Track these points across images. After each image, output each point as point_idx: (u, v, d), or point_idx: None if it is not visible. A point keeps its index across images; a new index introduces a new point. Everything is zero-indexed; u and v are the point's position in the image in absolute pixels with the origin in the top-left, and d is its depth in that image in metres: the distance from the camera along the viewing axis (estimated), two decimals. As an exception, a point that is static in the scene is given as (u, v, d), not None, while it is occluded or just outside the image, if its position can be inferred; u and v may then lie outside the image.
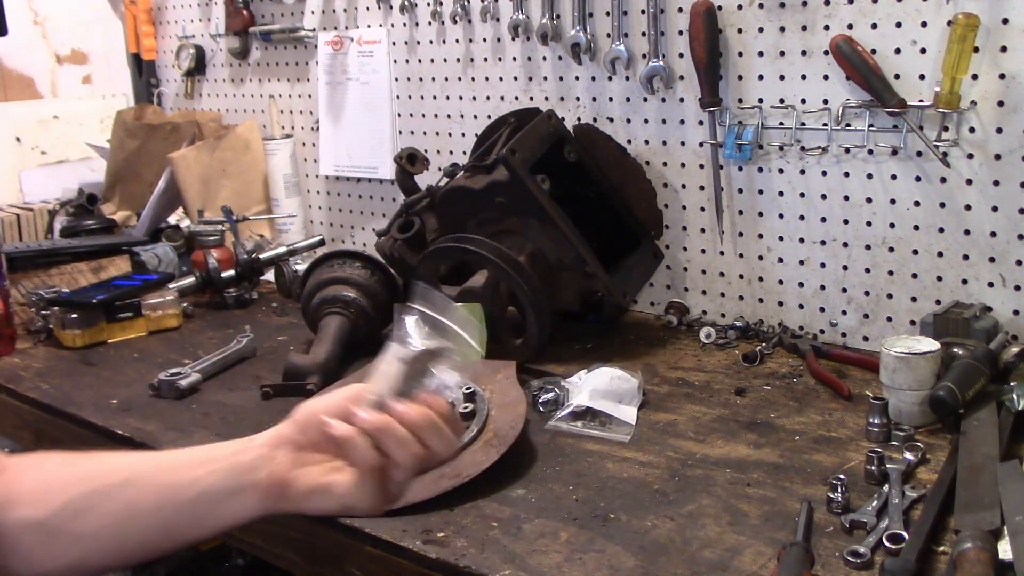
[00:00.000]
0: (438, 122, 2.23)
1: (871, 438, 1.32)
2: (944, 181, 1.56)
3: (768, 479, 1.23)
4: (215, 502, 0.96)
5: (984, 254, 1.54)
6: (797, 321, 1.77)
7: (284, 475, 0.95)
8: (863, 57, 1.56)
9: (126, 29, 2.95)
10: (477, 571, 1.06)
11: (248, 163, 2.55)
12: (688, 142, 1.84)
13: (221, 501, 0.96)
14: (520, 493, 1.23)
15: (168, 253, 2.24)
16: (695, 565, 1.04)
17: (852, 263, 1.68)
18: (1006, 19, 1.45)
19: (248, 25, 2.57)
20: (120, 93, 3.01)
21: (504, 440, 1.27)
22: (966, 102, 1.49)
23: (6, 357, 1.86)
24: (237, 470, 0.96)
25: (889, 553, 1.03)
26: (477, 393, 1.37)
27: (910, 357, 1.33)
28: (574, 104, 1.98)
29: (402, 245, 1.77)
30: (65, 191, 2.75)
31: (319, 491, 0.94)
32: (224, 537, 1.39)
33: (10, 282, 1.93)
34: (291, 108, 2.57)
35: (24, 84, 2.86)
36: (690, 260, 1.89)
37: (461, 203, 1.72)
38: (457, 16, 2.08)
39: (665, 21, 1.80)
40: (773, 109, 1.71)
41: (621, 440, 1.37)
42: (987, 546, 0.95)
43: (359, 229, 2.48)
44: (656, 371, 1.63)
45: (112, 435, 1.49)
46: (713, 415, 1.45)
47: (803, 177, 1.71)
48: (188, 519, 0.97)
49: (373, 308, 1.77)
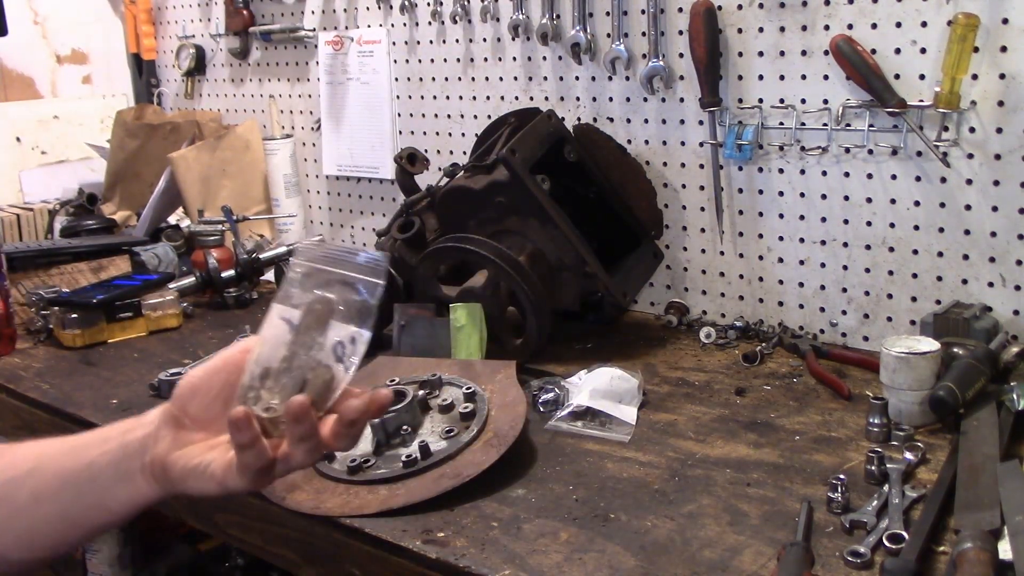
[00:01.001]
0: (438, 122, 2.23)
1: (871, 438, 1.32)
2: (944, 181, 1.56)
3: (768, 479, 1.23)
4: (109, 485, 0.92)
5: (984, 254, 1.54)
6: (797, 321, 1.77)
7: (164, 457, 0.90)
8: (863, 57, 1.56)
9: (126, 29, 2.95)
10: (477, 571, 1.06)
11: (248, 163, 2.55)
12: (688, 142, 1.84)
13: (114, 484, 0.92)
14: (520, 493, 1.23)
15: (168, 253, 2.24)
16: (695, 565, 1.04)
17: (852, 263, 1.68)
18: (1006, 19, 1.45)
19: (248, 25, 2.57)
20: (120, 93, 3.01)
21: (504, 440, 1.27)
22: (966, 102, 1.49)
23: (6, 357, 1.86)
24: (126, 451, 0.92)
25: (889, 553, 1.03)
26: (477, 393, 1.37)
27: (910, 357, 1.33)
28: (574, 104, 1.98)
29: (402, 245, 1.77)
30: (65, 191, 2.75)
31: (197, 473, 0.89)
32: (224, 537, 1.39)
33: (10, 282, 1.93)
34: (291, 108, 2.57)
35: (24, 84, 2.86)
36: (690, 260, 1.89)
37: (461, 203, 1.72)
38: (457, 16, 2.08)
39: (665, 21, 1.80)
40: (773, 109, 1.71)
41: (621, 440, 1.37)
42: (987, 546, 0.95)
43: (359, 229, 2.48)
44: (656, 371, 1.63)
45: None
46: (713, 415, 1.45)
47: (803, 177, 1.71)
48: (88, 504, 0.93)
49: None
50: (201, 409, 0.91)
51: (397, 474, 1.23)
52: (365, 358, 0.91)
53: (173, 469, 0.90)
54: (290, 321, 0.88)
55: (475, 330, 1.59)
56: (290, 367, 0.87)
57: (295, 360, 0.87)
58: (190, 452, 0.90)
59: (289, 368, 0.87)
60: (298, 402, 0.85)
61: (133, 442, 0.92)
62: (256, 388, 0.88)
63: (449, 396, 1.38)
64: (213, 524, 1.37)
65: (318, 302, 0.88)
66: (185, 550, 2.18)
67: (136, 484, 0.92)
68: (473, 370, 1.46)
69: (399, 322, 1.66)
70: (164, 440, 0.91)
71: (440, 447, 1.27)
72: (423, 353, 1.60)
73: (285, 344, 0.88)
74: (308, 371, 0.87)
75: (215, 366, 0.93)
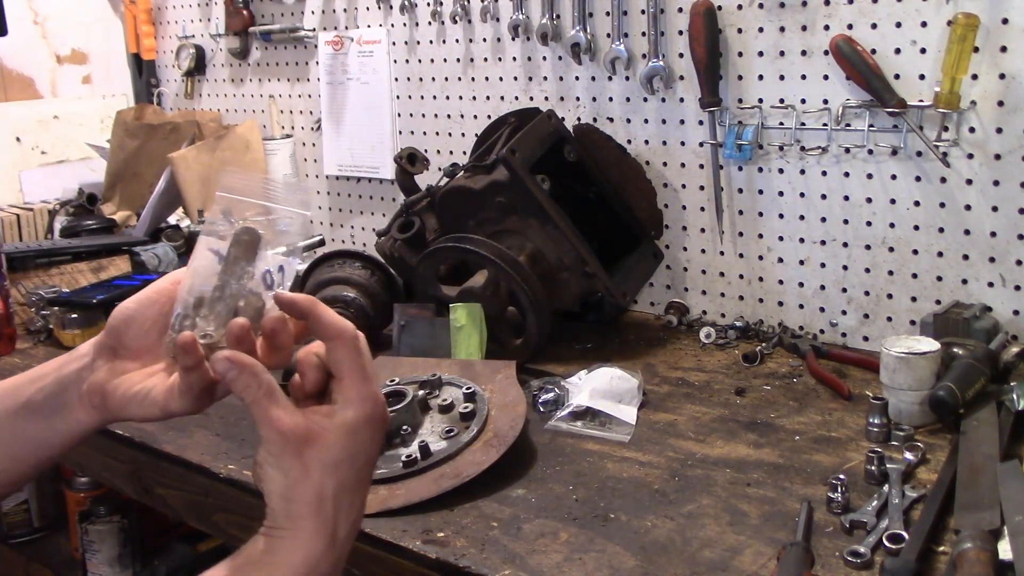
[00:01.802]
0: (438, 122, 2.23)
1: (871, 438, 1.32)
2: (944, 181, 1.56)
3: (768, 479, 1.23)
4: (47, 418, 0.95)
5: (984, 254, 1.54)
6: (797, 321, 1.77)
7: (102, 385, 0.93)
8: (863, 57, 1.56)
9: (126, 29, 2.95)
10: (477, 571, 1.06)
11: (248, 163, 2.55)
12: (688, 142, 1.84)
13: (52, 417, 0.95)
14: (520, 493, 1.23)
15: (168, 253, 2.24)
16: (695, 565, 1.04)
17: (852, 263, 1.68)
18: (1006, 19, 1.45)
19: (248, 25, 2.57)
20: (120, 93, 3.01)
21: (504, 440, 1.27)
22: (966, 102, 1.49)
23: (6, 357, 1.86)
24: (61, 384, 0.95)
25: (889, 553, 1.03)
26: (477, 393, 1.37)
27: (910, 357, 1.33)
28: (574, 104, 1.98)
29: (402, 245, 1.77)
30: (65, 191, 2.75)
31: (138, 399, 0.92)
32: (224, 537, 1.39)
33: (10, 282, 1.93)
34: (291, 108, 2.57)
35: (24, 84, 2.86)
36: (690, 260, 1.89)
37: (461, 203, 1.72)
38: (457, 16, 2.08)
39: (665, 21, 1.80)
40: (773, 109, 1.71)
41: (621, 440, 1.37)
42: (987, 546, 0.95)
43: (359, 229, 2.48)
44: (656, 371, 1.63)
45: (112, 435, 1.49)
46: (713, 415, 1.45)
47: (803, 177, 1.71)
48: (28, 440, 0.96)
49: (373, 308, 1.77)
50: (135, 339, 0.94)
51: (397, 474, 1.23)
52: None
53: (112, 397, 0.93)
54: (218, 252, 0.91)
55: (475, 330, 1.59)
56: (222, 296, 0.91)
57: (227, 289, 0.90)
58: (128, 380, 0.93)
59: (222, 297, 0.91)
60: (239, 324, 0.87)
61: (69, 375, 0.95)
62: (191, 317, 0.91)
63: (449, 396, 1.38)
64: (213, 524, 1.37)
65: (244, 232, 0.91)
66: (185, 550, 2.19)
67: (74, 414, 0.95)
68: (473, 370, 1.46)
69: (399, 322, 1.66)
70: (100, 370, 0.94)
71: (440, 447, 1.27)
72: (423, 353, 1.60)
73: (216, 274, 0.91)
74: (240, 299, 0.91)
75: (147, 297, 0.95)
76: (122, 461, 1.50)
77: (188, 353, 0.87)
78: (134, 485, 1.50)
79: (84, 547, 2.10)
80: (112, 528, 2.08)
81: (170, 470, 1.42)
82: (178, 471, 1.40)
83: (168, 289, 0.95)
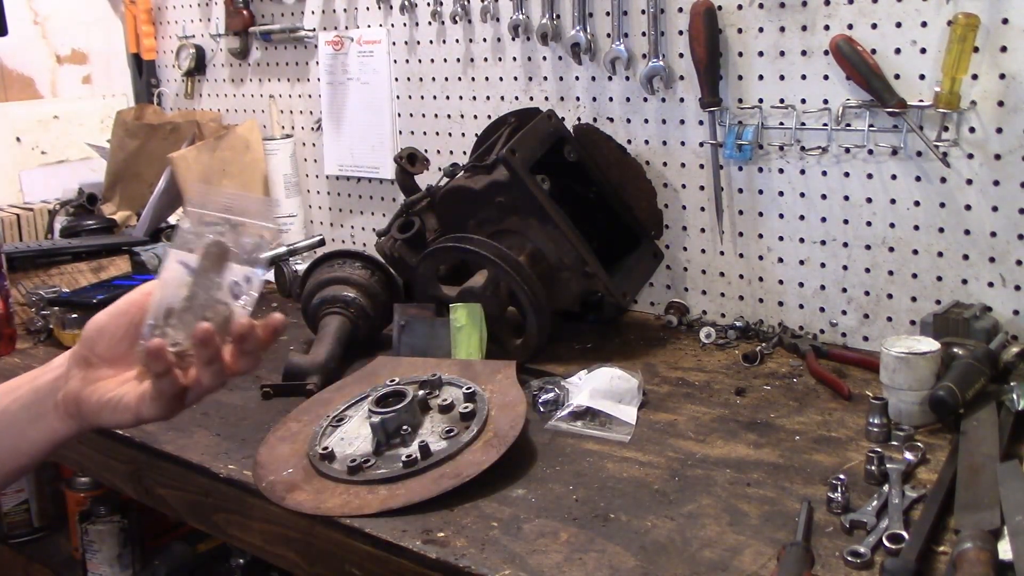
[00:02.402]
0: (438, 122, 2.23)
1: (871, 438, 1.32)
2: (944, 181, 1.56)
3: (768, 479, 1.23)
4: (23, 428, 0.98)
5: (984, 254, 1.54)
6: (797, 321, 1.77)
7: (77, 393, 0.96)
8: (863, 57, 1.56)
9: (126, 29, 2.95)
10: (477, 571, 1.06)
11: (248, 163, 2.55)
12: (688, 142, 1.84)
13: (28, 427, 0.98)
14: (520, 493, 1.23)
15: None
16: (695, 565, 1.04)
17: (852, 263, 1.68)
18: (1006, 19, 1.45)
19: (248, 25, 2.57)
20: (120, 93, 3.01)
21: (504, 440, 1.27)
22: (966, 102, 1.49)
23: (6, 357, 1.86)
24: (37, 395, 0.98)
25: (889, 553, 1.03)
26: (477, 393, 1.37)
27: (910, 357, 1.33)
28: (574, 104, 1.98)
29: (402, 245, 1.77)
30: (65, 191, 2.75)
31: (111, 406, 0.96)
32: (224, 537, 1.39)
33: (10, 282, 1.93)
34: (291, 108, 2.57)
35: (24, 84, 2.86)
36: (690, 260, 1.89)
37: (461, 203, 1.72)
38: (457, 16, 2.08)
39: (665, 21, 1.80)
40: (773, 109, 1.71)
41: (621, 440, 1.37)
42: (987, 546, 0.95)
43: (359, 229, 2.48)
44: (656, 371, 1.63)
45: (112, 435, 1.49)
46: (713, 415, 1.45)
47: (803, 177, 1.71)
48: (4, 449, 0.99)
49: (373, 308, 1.77)
50: (108, 349, 0.97)
51: (397, 474, 1.23)
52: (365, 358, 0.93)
53: (87, 404, 0.96)
54: (187, 264, 0.95)
55: (475, 330, 1.59)
56: (191, 306, 0.95)
57: (196, 299, 0.94)
58: (102, 388, 0.97)
59: (191, 307, 0.95)
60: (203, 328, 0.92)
61: (44, 385, 0.99)
62: (161, 326, 0.95)
63: (449, 396, 1.38)
64: (213, 524, 1.37)
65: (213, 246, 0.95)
66: (185, 550, 2.19)
67: (49, 423, 0.98)
68: (473, 370, 1.46)
69: (399, 322, 1.66)
70: (75, 379, 0.97)
71: (440, 447, 1.27)
72: (423, 353, 1.60)
73: (186, 285, 0.95)
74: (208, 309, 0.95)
75: (119, 309, 0.99)
76: (122, 461, 1.50)
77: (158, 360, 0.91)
78: (134, 485, 1.50)
79: (84, 547, 2.10)
80: (112, 528, 2.08)
81: (170, 470, 1.42)
82: (178, 471, 1.40)
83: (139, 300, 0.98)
